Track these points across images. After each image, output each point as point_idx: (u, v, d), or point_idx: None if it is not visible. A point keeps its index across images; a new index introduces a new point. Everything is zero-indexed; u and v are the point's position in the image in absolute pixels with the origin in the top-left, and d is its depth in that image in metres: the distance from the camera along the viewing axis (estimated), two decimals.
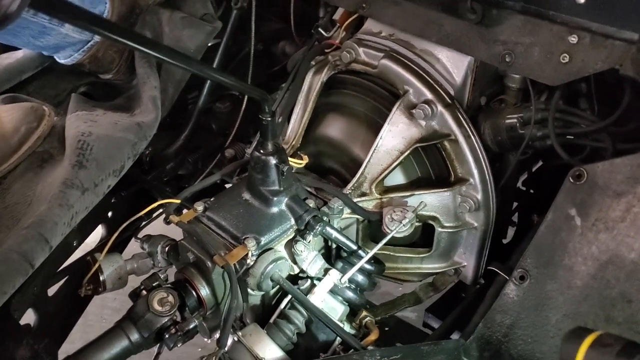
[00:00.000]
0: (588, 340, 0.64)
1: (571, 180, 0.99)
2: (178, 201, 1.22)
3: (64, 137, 1.31)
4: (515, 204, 1.58)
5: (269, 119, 1.08)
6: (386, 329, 1.35)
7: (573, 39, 1.00)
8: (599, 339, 0.64)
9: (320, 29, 1.41)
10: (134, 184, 1.54)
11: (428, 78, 1.22)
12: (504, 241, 1.55)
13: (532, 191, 1.57)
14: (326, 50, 1.39)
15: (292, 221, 1.15)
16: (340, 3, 1.31)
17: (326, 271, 1.14)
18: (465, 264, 1.32)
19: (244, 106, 1.60)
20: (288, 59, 1.80)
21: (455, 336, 1.29)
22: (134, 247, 1.36)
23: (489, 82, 1.28)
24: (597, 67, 0.99)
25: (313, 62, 1.40)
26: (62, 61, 1.47)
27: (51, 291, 1.35)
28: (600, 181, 0.97)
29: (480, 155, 1.20)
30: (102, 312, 2.03)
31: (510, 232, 1.59)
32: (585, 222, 0.98)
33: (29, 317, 1.26)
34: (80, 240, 1.43)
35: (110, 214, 1.55)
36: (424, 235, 1.34)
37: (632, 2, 0.92)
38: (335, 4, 1.34)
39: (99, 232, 1.54)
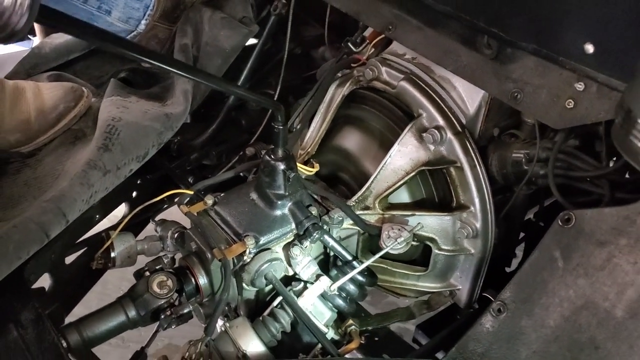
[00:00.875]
0: None
1: (560, 223, 1.02)
2: (191, 192, 1.29)
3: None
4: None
5: (281, 127, 1.14)
6: (376, 339, 1.40)
7: (580, 86, 1.02)
8: None
9: (350, 44, 1.46)
10: (160, 169, 1.63)
11: (442, 104, 1.25)
12: (508, 270, 1.57)
13: (542, 224, 1.58)
14: (352, 65, 1.44)
15: (293, 225, 1.21)
16: (369, 22, 1.35)
17: (318, 277, 1.19)
18: (460, 287, 1.35)
19: (270, 111, 1.67)
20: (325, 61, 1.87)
21: (440, 355, 1.33)
22: (151, 228, 1.45)
23: (504, 115, 1.31)
24: (600, 117, 1.01)
25: (339, 74, 1.45)
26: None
27: (69, 260, 1.45)
28: (587, 228, 0.99)
29: (484, 185, 1.23)
30: (120, 284, 2.14)
31: (516, 262, 1.60)
32: (567, 265, 1.00)
33: (44, 281, 1.37)
34: (103, 216, 1.53)
35: (134, 194, 1.64)
36: (424, 254, 1.38)
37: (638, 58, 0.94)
38: (365, 22, 1.38)
39: (122, 209, 1.65)
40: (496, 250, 1.35)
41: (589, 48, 0.98)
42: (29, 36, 1.86)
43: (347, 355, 1.22)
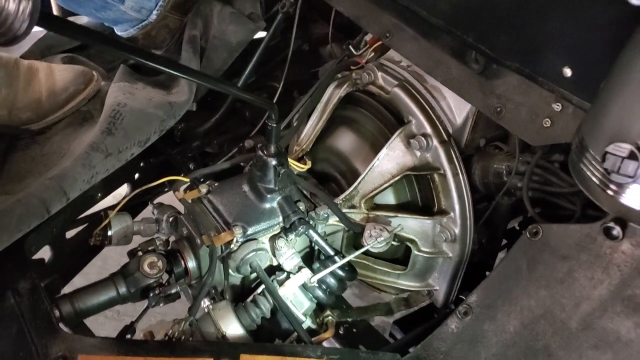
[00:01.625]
0: None
1: (528, 235, 1.07)
2: (187, 180, 1.36)
3: None
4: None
5: (274, 125, 1.20)
6: (354, 330, 1.47)
7: (557, 107, 1.07)
8: None
9: (350, 47, 1.51)
10: (163, 154, 1.70)
11: (431, 113, 1.31)
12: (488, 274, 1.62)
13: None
14: (352, 67, 1.50)
15: (280, 219, 1.28)
16: (369, 28, 1.41)
17: (300, 269, 1.26)
18: (438, 288, 1.41)
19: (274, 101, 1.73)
20: (331, 58, 1.92)
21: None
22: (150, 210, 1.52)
23: (492, 126, 1.36)
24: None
25: (339, 75, 1.51)
26: (119, 33, 1.64)
27: (69, 234, 1.53)
28: (553, 242, 1.05)
29: (465, 193, 1.29)
30: (120, 260, 2.21)
31: None
32: (531, 275, 1.06)
33: (45, 253, 1.44)
34: (104, 194, 1.60)
35: (137, 176, 1.72)
36: (406, 254, 1.44)
37: None
38: (365, 28, 1.44)
39: (124, 189, 1.72)
40: (475, 255, 1.41)
41: (567, 71, 1.03)
42: None
43: (324, 344, 1.29)
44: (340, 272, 1.28)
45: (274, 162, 1.24)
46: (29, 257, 1.26)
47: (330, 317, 1.29)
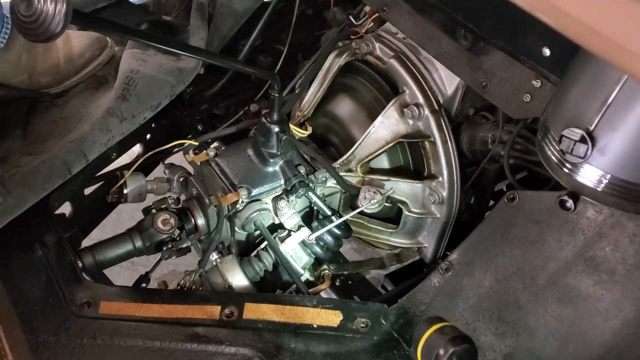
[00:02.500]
0: (434, 327, 0.86)
1: (505, 200, 1.19)
2: (196, 143, 1.47)
3: None
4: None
5: (276, 95, 1.30)
6: (349, 282, 1.60)
7: (536, 83, 1.16)
8: (441, 328, 0.86)
9: (351, 17, 1.59)
10: (173, 116, 1.80)
11: (424, 84, 1.40)
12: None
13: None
14: (352, 37, 1.58)
15: (282, 181, 1.39)
16: (367, 1, 1.49)
17: (300, 227, 1.38)
18: (427, 245, 1.53)
19: (279, 66, 1.81)
20: (337, 24, 1.99)
21: None
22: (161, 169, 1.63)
23: (480, 97, 1.44)
24: None
25: (339, 44, 1.59)
26: (132, 1, 1.72)
27: (88, 191, 1.65)
28: (527, 207, 1.16)
29: (452, 160, 1.39)
30: (133, 213, 2.36)
31: None
32: (506, 237, 1.18)
33: (66, 209, 1.57)
34: (119, 154, 1.71)
35: (148, 136, 1.83)
36: (397, 214, 1.55)
37: None
38: (364, 1, 1.52)
39: (137, 149, 1.84)
40: (463, 215, 1.53)
41: (546, 51, 1.11)
42: None
43: (322, 294, 1.42)
44: (336, 231, 1.39)
45: (276, 129, 1.34)
46: (52, 212, 1.39)
47: (326, 271, 1.42)
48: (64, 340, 1.08)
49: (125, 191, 1.46)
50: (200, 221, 1.38)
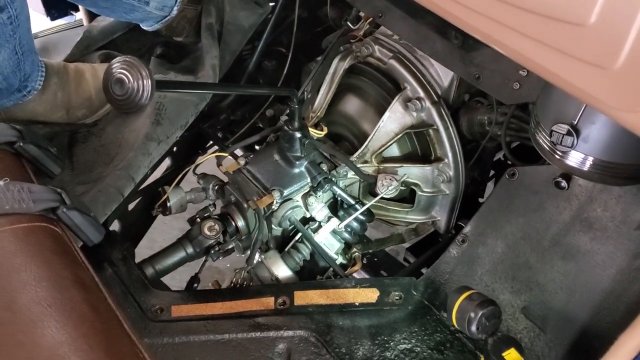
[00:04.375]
0: (463, 296, 1.05)
1: (507, 176, 1.37)
2: (227, 155, 1.64)
3: None
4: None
5: (296, 107, 1.47)
6: (375, 259, 1.80)
7: (523, 73, 1.33)
8: (469, 295, 1.05)
9: (348, 22, 1.75)
10: (195, 128, 1.97)
11: (422, 79, 1.57)
12: (481, 200, 1.93)
13: (509, 162, 1.93)
14: (351, 41, 1.74)
15: (308, 180, 1.56)
16: (363, 9, 1.64)
17: (329, 218, 1.56)
18: (440, 218, 1.72)
19: (285, 71, 1.97)
20: (329, 20, 2.14)
21: (424, 271, 1.72)
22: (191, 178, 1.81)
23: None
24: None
25: (342, 49, 1.76)
26: (145, 28, 1.86)
27: (130, 207, 1.83)
28: (526, 180, 1.35)
29: (455, 143, 1.57)
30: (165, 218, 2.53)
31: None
32: (511, 208, 1.36)
33: (114, 226, 1.74)
34: (153, 170, 1.88)
35: (175, 149, 2.00)
36: (411, 194, 1.74)
37: None
38: (359, 9, 1.67)
39: (166, 162, 2.01)
40: (469, 187, 1.71)
41: None
42: (72, 12, 2.14)
43: (355, 275, 1.61)
44: (361, 217, 1.58)
45: (298, 135, 1.52)
46: (110, 232, 1.57)
47: (357, 253, 1.60)
48: (149, 342, 1.27)
49: (168, 204, 1.63)
50: (240, 223, 1.56)
